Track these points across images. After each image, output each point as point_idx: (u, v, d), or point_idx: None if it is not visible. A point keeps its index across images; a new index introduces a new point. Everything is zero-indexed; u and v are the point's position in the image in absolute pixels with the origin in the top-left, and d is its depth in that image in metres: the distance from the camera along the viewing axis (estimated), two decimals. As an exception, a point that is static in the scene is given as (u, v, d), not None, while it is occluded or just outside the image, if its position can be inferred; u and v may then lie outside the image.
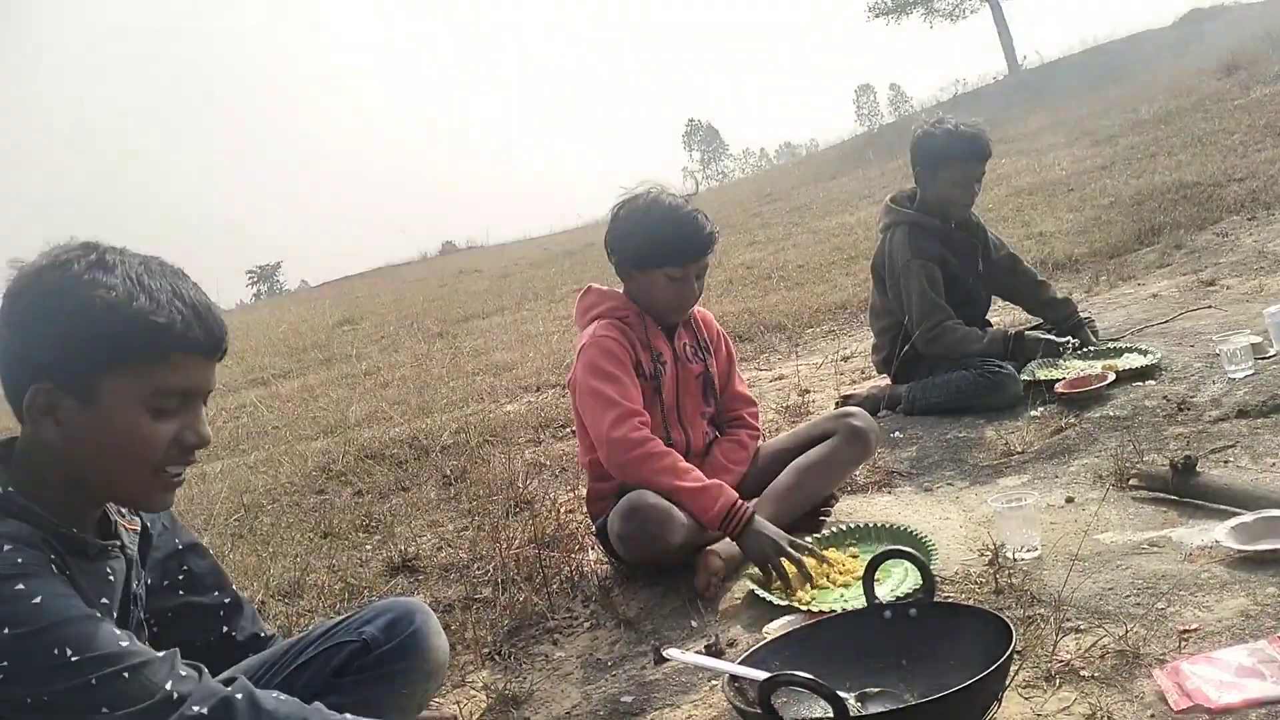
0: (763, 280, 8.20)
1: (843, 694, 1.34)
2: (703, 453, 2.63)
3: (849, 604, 2.02)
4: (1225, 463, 2.41)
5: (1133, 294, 4.67)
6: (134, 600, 1.36)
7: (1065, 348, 3.53)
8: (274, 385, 8.09)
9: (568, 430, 4.24)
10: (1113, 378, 3.16)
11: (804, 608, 2.06)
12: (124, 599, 1.32)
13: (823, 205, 13.91)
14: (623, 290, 2.59)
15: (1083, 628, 1.76)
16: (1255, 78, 11.63)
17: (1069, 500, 2.41)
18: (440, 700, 2.02)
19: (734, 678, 1.50)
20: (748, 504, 2.33)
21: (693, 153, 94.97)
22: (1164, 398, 2.96)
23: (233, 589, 1.63)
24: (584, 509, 2.77)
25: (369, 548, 3.19)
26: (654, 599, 2.36)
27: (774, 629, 1.94)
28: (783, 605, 2.09)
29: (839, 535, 2.41)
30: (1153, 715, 1.47)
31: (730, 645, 2.02)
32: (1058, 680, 1.61)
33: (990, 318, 3.85)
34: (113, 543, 1.32)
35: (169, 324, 1.21)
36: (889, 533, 2.34)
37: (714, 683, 1.85)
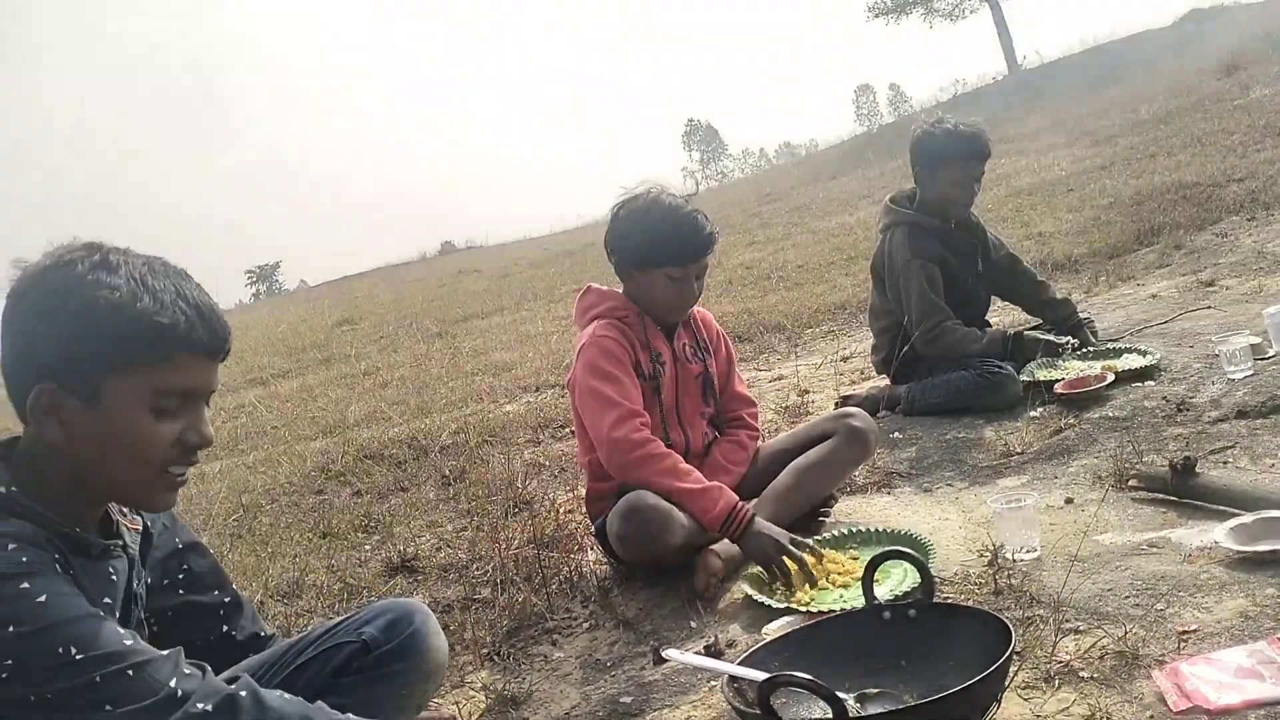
0: (762, 280, 8.20)
1: (842, 695, 1.34)
2: (702, 453, 2.63)
3: (848, 605, 2.02)
4: (1224, 463, 2.41)
5: (1132, 294, 4.67)
6: (135, 600, 1.36)
7: (1064, 348, 3.52)
8: (273, 385, 8.09)
9: (567, 430, 4.24)
10: (1112, 378, 3.17)
11: (803, 608, 2.06)
12: (125, 598, 1.32)
13: (822, 205, 13.91)
14: (622, 290, 2.59)
15: (1082, 629, 1.76)
16: (1255, 78, 11.64)
17: (1068, 501, 2.41)
18: (439, 700, 2.02)
19: (733, 678, 1.50)
20: (748, 506, 2.33)
21: (692, 153, 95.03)
22: (1163, 398, 2.96)
23: (233, 588, 1.63)
24: (583, 509, 2.77)
25: (368, 548, 3.19)
26: (653, 599, 2.36)
27: (773, 630, 1.94)
28: (781, 607, 2.09)
29: (838, 539, 2.41)
30: (1152, 716, 1.47)
31: (729, 646, 2.02)
32: (1057, 681, 1.61)
33: (990, 318, 3.85)
34: (115, 542, 1.32)
35: (172, 324, 1.21)
36: (888, 537, 2.34)
37: (713, 683, 1.85)
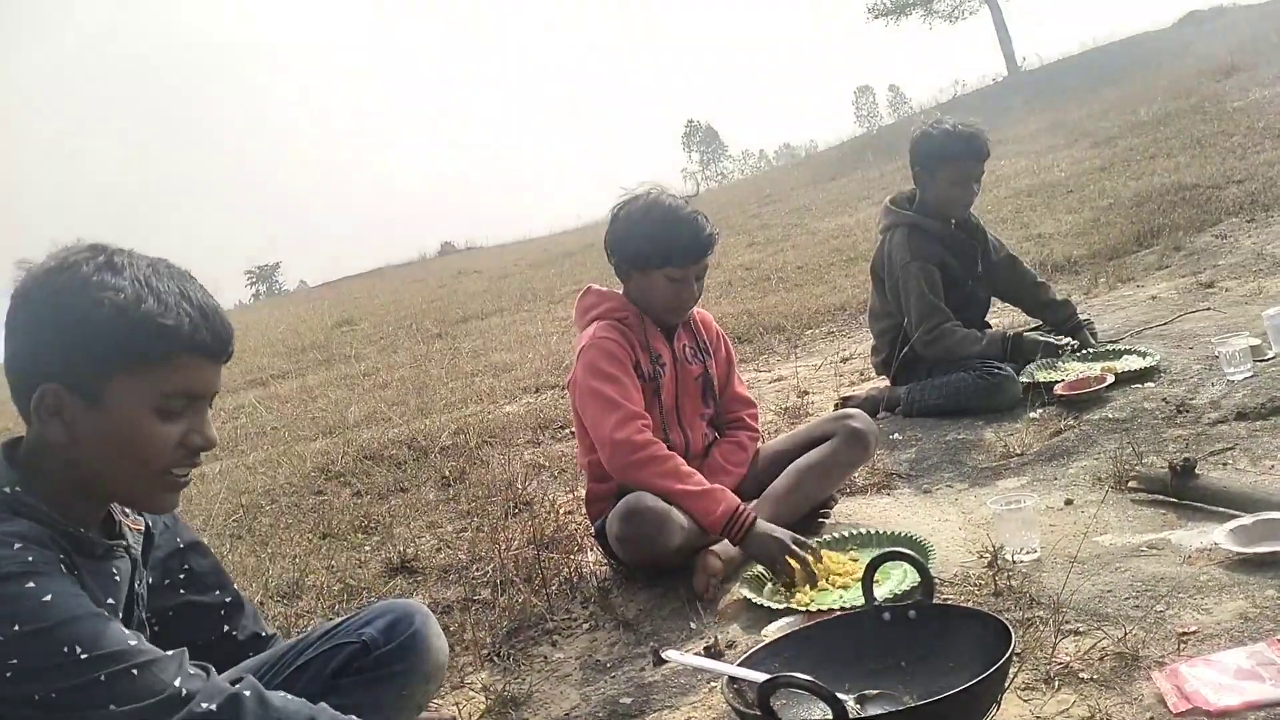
0: (762, 282, 8.20)
1: (842, 696, 1.34)
2: (702, 454, 2.63)
3: (848, 606, 2.02)
4: (1224, 465, 2.41)
5: (1132, 296, 4.68)
6: (136, 600, 1.36)
7: (1064, 350, 3.53)
8: (273, 386, 8.08)
9: (567, 431, 4.24)
10: (1112, 380, 3.17)
11: (803, 609, 2.06)
12: (128, 599, 1.32)
13: (822, 207, 13.92)
14: (622, 291, 2.60)
15: (1082, 630, 1.76)
16: (1254, 80, 11.65)
17: (1068, 502, 2.41)
18: (439, 701, 2.02)
19: (733, 679, 1.50)
20: (751, 509, 2.33)
21: (692, 154, 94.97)
22: (1163, 400, 2.96)
23: (234, 588, 1.64)
24: (583, 510, 2.77)
25: (368, 549, 3.19)
26: (653, 600, 2.36)
27: (773, 630, 1.94)
28: (781, 608, 2.09)
29: (838, 541, 2.41)
30: (1151, 717, 1.47)
31: (729, 647, 2.02)
32: (1057, 682, 1.61)
33: (989, 319, 3.85)
34: (118, 543, 1.32)
35: (177, 326, 1.21)
36: (888, 539, 2.34)
37: (713, 684, 1.85)
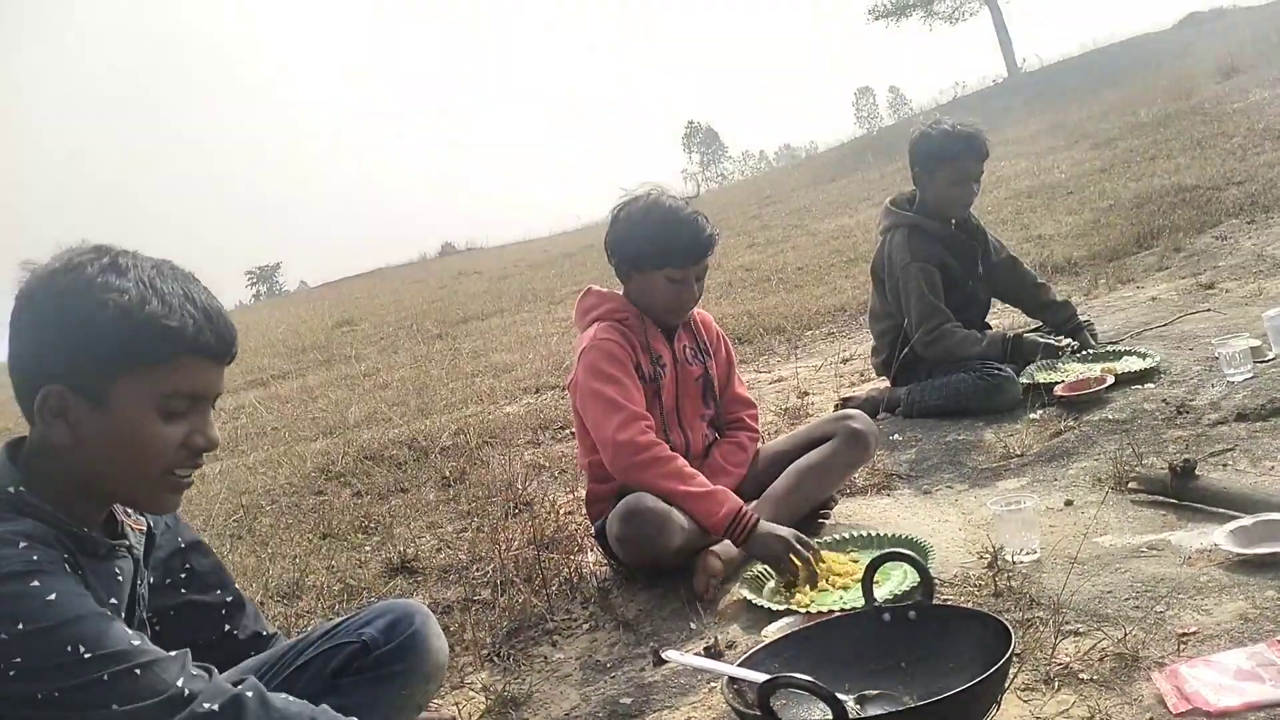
0: (762, 282, 8.20)
1: (841, 696, 1.34)
2: (702, 455, 2.63)
3: (848, 606, 2.02)
4: (1224, 466, 2.41)
5: (1132, 297, 4.68)
6: (138, 601, 1.36)
7: (1064, 351, 3.53)
8: (273, 386, 8.08)
9: (567, 432, 4.24)
10: (1112, 381, 3.17)
11: (803, 610, 2.06)
12: (130, 598, 1.32)
13: (822, 208, 13.92)
14: (622, 292, 2.60)
15: (1081, 630, 1.76)
16: (1254, 81, 11.64)
17: (1068, 503, 2.41)
18: (439, 701, 2.02)
19: (733, 679, 1.50)
20: (753, 510, 2.33)
21: (692, 155, 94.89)
22: (1163, 401, 2.96)
23: (235, 587, 1.64)
24: (583, 511, 2.77)
25: (368, 549, 3.19)
26: (653, 601, 2.36)
27: (773, 631, 1.94)
28: (781, 609, 2.09)
29: (838, 542, 2.41)
30: (1151, 718, 1.47)
31: (729, 647, 2.02)
32: (1056, 683, 1.61)
33: (989, 320, 3.86)
34: (121, 543, 1.32)
35: (180, 328, 1.22)
36: (888, 540, 2.34)
37: (713, 685, 1.85)
